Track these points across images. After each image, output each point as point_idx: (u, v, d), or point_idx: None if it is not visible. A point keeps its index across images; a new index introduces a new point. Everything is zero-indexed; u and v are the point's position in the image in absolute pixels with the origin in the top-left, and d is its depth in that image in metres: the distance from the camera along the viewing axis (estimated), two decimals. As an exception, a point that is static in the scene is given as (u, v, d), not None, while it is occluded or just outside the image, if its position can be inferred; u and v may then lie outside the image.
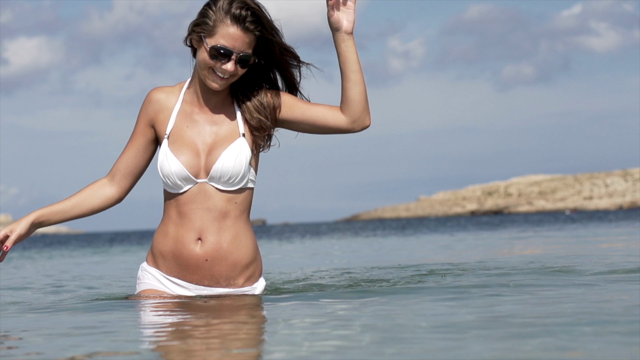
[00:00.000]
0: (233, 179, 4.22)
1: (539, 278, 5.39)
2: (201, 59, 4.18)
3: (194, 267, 4.27)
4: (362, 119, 4.24)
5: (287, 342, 3.03)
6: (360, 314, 3.82)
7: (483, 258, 8.39)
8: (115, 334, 3.38)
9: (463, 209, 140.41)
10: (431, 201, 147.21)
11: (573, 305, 3.82)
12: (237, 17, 4.13)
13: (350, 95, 4.22)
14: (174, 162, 4.21)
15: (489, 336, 2.97)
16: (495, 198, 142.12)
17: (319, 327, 3.40)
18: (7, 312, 4.49)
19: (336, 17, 4.20)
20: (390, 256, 10.86)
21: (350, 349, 2.84)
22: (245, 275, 4.34)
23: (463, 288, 4.73)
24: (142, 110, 4.36)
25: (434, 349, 2.78)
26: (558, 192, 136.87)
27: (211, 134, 4.27)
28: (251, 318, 3.77)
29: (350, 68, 4.20)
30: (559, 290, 4.55)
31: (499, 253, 10.21)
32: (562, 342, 2.80)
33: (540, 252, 10.22)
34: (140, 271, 4.43)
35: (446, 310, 3.82)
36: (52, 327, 3.79)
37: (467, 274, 5.98)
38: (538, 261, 7.15)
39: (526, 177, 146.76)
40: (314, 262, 10.03)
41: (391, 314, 3.73)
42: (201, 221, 4.24)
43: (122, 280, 7.38)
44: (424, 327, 3.20)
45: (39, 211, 4.32)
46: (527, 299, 4.15)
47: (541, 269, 6.06)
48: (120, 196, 4.41)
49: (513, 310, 3.73)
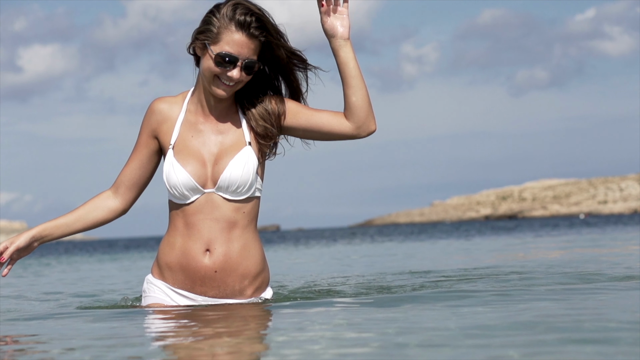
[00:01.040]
0: (241, 189, 4.16)
1: (572, 282, 5.33)
2: (206, 66, 4.12)
3: (203, 279, 4.21)
4: (367, 124, 4.17)
5: (306, 352, 2.94)
6: (385, 320, 3.65)
7: (507, 262, 8.33)
8: (124, 345, 3.24)
9: (477, 214, 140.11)
10: (445, 206, 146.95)
11: (611, 311, 3.76)
12: (241, 23, 4.07)
13: (353, 101, 4.15)
14: (181, 172, 4.15)
15: (531, 342, 2.91)
16: (509, 202, 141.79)
17: (334, 333, 3.30)
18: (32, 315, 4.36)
19: (330, 24, 4.15)
20: (412, 261, 10.74)
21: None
22: (254, 286, 4.28)
23: (495, 292, 4.67)
24: (144, 121, 4.29)
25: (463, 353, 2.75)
26: (572, 196, 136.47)
27: (217, 143, 4.21)
28: (266, 327, 3.68)
29: (350, 74, 4.14)
30: (595, 295, 4.47)
31: (521, 256, 10.13)
32: (604, 348, 2.76)
33: (563, 255, 10.16)
34: (145, 284, 4.37)
35: (482, 314, 3.74)
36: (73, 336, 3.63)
37: (492, 279, 5.92)
38: (567, 265, 7.08)
39: (540, 181, 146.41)
40: (329, 268, 9.99)
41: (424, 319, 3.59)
42: (209, 232, 4.18)
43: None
44: (453, 330, 3.11)
45: (41, 225, 4.28)
46: (561, 304, 4.09)
47: (572, 273, 5.99)
48: (124, 208, 4.36)
49: (551, 313, 3.67)
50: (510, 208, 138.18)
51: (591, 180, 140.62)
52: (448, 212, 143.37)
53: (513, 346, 2.85)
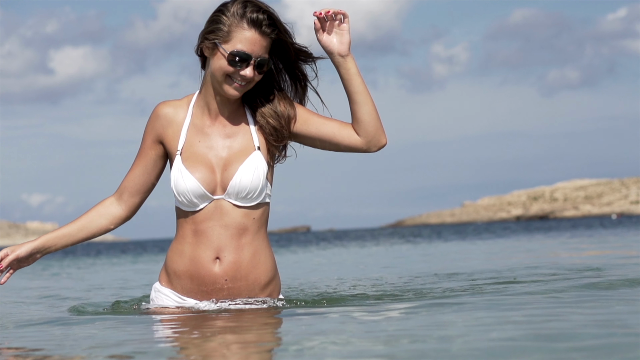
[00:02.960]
0: (251, 194, 4.06)
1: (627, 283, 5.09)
2: (217, 66, 4.03)
3: (212, 288, 4.11)
4: (377, 138, 4.09)
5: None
6: (409, 322, 3.49)
7: (552, 262, 8.11)
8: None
9: (508, 214, 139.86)
10: (476, 207, 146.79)
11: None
12: (254, 20, 4.00)
13: (360, 117, 4.07)
14: (190, 179, 4.05)
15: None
16: (540, 203, 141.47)
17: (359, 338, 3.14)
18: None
19: (325, 41, 4.06)
20: (455, 263, 10.51)
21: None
22: (265, 294, 4.18)
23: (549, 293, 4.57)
24: (148, 125, 4.20)
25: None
26: (604, 196, 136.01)
27: (225, 147, 4.11)
28: (287, 331, 3.56)
29: (353, 90, 4.05)
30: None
31: (561, 256, 9.95)
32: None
33: (604, 255, 9.96)
34: (153, 292, 4.28)
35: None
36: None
37: (546, 279, 5.74)
38: (614, 266, 6.86)
39: (572, 181, 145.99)
40: (361, 270, 9.83)
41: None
42: (218, 239, 4.08)
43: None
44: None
45: (44, 237, 4.23)
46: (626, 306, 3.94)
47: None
48: (128, 215, 4.28)
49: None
50: (542, 208, 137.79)
51: (623, 180, 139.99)
52: (479, 212, 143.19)
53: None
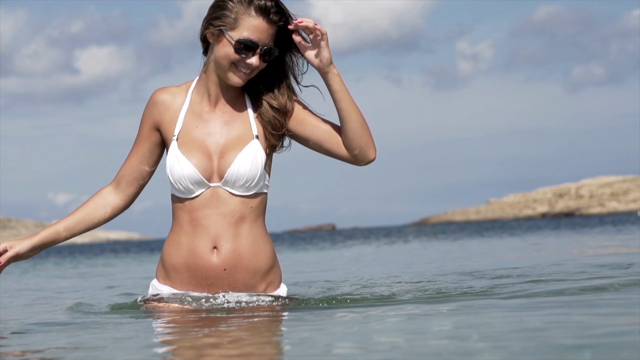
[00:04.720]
0: (249, 183, 4.01)
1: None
2: (223, 54, 3.97)
3: (211, 278, 4.05)
4: (363, 154, 4.04)
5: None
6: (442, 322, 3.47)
7: (586, 260, 7.99)
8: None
9: (534, 212, 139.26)
10: (501, 204, 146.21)
11: None
12: (262, 8, 3.94)
13: (345, 132, 4.02)
14: (186, 164, 4.00)
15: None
16: (566, 200, 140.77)
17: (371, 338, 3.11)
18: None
19: (308, 55, 4.02)
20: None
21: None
22: (266, 282, 4.12)
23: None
24: (145, 112, 4.15)
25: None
26: (630, 193, 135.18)
27: (223, 134, 4.06)
28: (305, 331, 3.47)
29: (338, 105, 4.01)
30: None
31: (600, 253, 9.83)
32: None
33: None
34: (151, 289, 4.21)
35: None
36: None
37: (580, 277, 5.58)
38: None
39: (597, 178, 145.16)
40: (387, 268, 9.75)
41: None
42: (215, 228, 4.02)
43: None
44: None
45: (43, 232, 4.17)
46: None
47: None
48: (126, 204, 4.23)
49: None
50: (567, 205, 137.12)
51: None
52: (504, 209, 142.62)
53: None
